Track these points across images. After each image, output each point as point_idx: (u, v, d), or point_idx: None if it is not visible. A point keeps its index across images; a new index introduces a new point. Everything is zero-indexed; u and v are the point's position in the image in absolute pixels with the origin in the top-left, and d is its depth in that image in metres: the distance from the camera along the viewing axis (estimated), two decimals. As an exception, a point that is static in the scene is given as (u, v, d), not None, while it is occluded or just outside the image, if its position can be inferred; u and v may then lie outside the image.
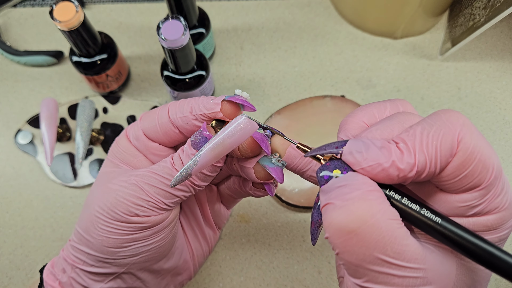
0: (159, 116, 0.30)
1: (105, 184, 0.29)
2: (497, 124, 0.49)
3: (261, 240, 0.44)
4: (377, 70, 0.52)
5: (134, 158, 0.31)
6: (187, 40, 0.38)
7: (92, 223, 0.28)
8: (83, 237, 0.29)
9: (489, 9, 0.43)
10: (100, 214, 0.28)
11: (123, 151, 0.31)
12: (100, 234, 0.28)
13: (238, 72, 0.52)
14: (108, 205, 0.28)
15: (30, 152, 0.48)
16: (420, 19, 0.50)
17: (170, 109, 0.29)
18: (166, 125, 0.29)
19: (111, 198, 0.28)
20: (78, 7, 0.40)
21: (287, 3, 0.56)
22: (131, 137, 0.31)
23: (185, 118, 0.29)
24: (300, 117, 0.48)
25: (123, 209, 0.28)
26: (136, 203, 0.28)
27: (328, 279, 0.42)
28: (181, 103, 0.29)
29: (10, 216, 0.46)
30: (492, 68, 0.51)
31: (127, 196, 0.28)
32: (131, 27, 0.55)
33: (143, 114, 0.31)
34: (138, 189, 0.28)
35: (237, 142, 0.26)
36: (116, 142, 0.31)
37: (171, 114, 0.29)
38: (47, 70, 0.53)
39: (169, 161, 0.28)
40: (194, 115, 0.29)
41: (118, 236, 0.28)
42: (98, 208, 0.28)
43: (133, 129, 0.31)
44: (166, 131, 0.30)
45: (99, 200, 0.28)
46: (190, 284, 0.43)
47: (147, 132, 0.30)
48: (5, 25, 0.55)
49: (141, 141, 0.30)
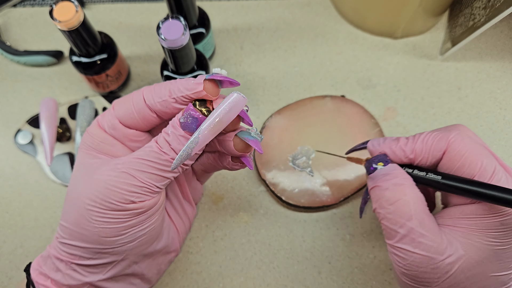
0: (135, 103, 0.30)
1: (90, 175, 0.29)
2: (497, 124, 0.49)
3: (261, 240, 0.44)
4: (377, 70, 0.52)
5: (113, 147, 0.31)
6: (187, 40, 0.38)
7: (83, 216, 0.28)
8: (75, 231, 0.29)
9: (489, 9, 0.43)
10: (92, 207, 0.28)
11: (99, 142, 0.31)
12: (96, 226, 0.28)
13: (238, 72, 0.52)
14: (101, 196, 0.28)
15: (29, 152, 0.48)
16: (420, 19, 0.50)
17: (145, 94, 0.30)
18: (144, 110, 0.30)
19: (102, 189, 0.28)
20: (78, 7, 0.40)
21: (287, 3, 0.56)
22: (106, 127, 0.31)
23: (164, 102, 0.29)
24: (300, 117, 0.48)
25: (117, 198, 0.28)
26: (130, 190, 0.28)
27: (328, 279, 0.42)
28: (156, 88, 0.30)
29: (10, 216, 0.46)
30: (492, 68, 0.51)
31: (120, 185, 0.28)
32: (131, 27, 0.55)
33: (115, 103, 0.31)
34: (130, 176, 0.28)
35: (232, 117, 0.28)
36: (89, 133, 0.31)
37: (147, 100, 0.29)
38: (46, 70, 0.53)
39: (155, 145, 0.29)
40: (174, 98, 0.29)
41: (115, 225, 0.29)
42: (88, 200, 0.28)
43: (106, 118, 0.31)
44: (144, 117, 0.30)
45: (87, 192, 0.28)
46: (190, 284, 0.43)
47: (123, 120, 0.30)
48: (5, 25, 0.55)
49: (118, 130, 0.30)
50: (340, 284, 0.42)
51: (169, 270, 0.43)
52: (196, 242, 0.44)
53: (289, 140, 0.47)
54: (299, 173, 0.45)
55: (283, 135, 0.47)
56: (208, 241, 0.44)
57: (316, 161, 0.46)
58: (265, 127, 0.47)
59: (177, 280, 0.43)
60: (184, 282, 0.43)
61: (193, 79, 0.29)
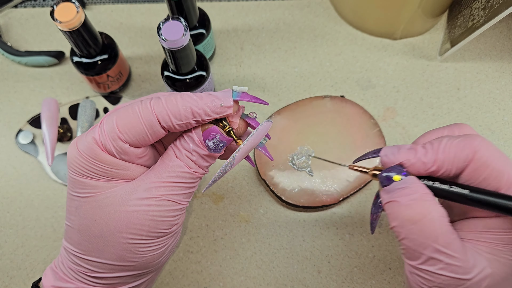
0: (148, 125, 0.27)
1: (120, 210, 0.27)
2: (496, 124, 0.49)
3: (261, 240, 0.44)
4: (377, 71, 0.52)
5: (127, 171, 0.28)
6: (187, 41, 0.39)
7: (128, 250, 0.28)
8: (119, 266, 0.29)
9: (488, 10, 0.43)
10: (137, 240, 0.28)
11: (110, 169, 0.28)
12: (143, 255, 0.29)
13: (238, 73, 0.52)
14: (147, 229, 0.28)
15: (31, 152, 0.48)
16: (419, 20, 0.50)
17: (159, 113, 0.27)
18: (158, 132, 0.27)
19: (146, 221, 0.27)
20: (79, 8, 0.40)
21: (287, 4, 0.56)
22: (115, 153, 0.27)
23: (185, 125, 0.27)
24: (300, 117, 0.48)
25: (164, 226, 0.28)
26: (174, 216, 0.29)
27: (328, 279, 0.43)
28: (170, 106, 0.27)
29: (11, 216, 0.46)
30: (491, 69, 0.52)
31: (166, 213, 0.28)
32: (132, 27, 0.55)
33: (119, 125, 0.27)
34: (171, 202, 0.28)
35: (260, 140, 0.29)
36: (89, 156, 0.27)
37: (162, 121, 0.27)
38: (48, 70, 0.53)
39: (183, 165, 0.28)
40: (197, 120, 0.27)
41: (161, 248, 0.30)
42: (132, 236, 0.28)
43: (113, 144, 0.27)
44: (157, 136, 0.28)
45: (127, 228, 0.27)
46: (191, 284, 0.43)
47: (133, 143, 0.28)
48: (6, 26, 0.56)
49: (129, 154, 0.28)
50: (339, 283, 0.43)
51: (170, 270, 0.43)
52: (197, 242, 0.44)
53: (289, 140, 0.47)
54: (299, 173, 0.45)
55: (283, 135, 0.47)
56: (209, 240, 0.45)
57: (315, 161, 0.46)
58: (265, 127, 0.48)
59: (177, 280, 0.43)
60: (185, 281, 0.43)
61: (216, 97, 0.27)
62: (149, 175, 0.28)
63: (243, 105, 0.30)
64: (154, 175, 0.28)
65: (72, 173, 0.28)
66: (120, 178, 0.28)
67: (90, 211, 0.28)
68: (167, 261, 0.44)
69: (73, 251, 0.29)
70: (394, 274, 0.43)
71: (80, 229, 0.28)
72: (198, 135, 0.28)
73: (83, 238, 0.28)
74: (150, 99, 0.28)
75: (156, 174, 0.28)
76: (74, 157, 0.27)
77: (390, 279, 0.43)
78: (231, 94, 0.28)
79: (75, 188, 0.28)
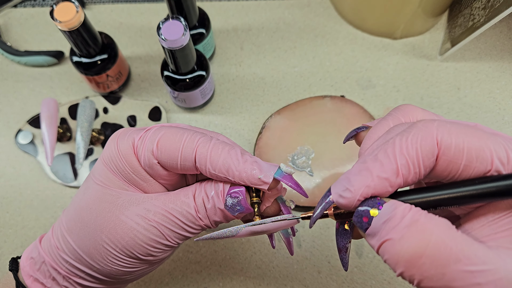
0: (183, 158, 0.27)
1: (115, 213, 0.28)
2: (497, 124, 0.49)
3: (261, 240, 0.44)
4: (377, 70, 0.52)
5: (145, 183, 0.29)
6: (187, 40, 0.39)
7: (99, 253, 0.28)
8: (85, 260, 0.28)
9: (488, 10, 0.43)
10: (112, 249, 0.28)
11: (131, 172, 0.28)
12: (109, 265, 0.28)
13: (238, 72, 0.52)
14: (123, 243, 0.27)
15: (30, 152, 0.48)
16: (419, 20, 0.50)
17: (198, 155, 0.27)
18: (189, 168, 0.27)
19: (126, 237, 0.27)
20: (78, 7, 0.40)
21: (287, 4, 0.56)
22: (142, 162, 0.28)
23: (216, 176, 0.27)
24: (299, 117, 0.48)
25: (140, 251, 0.28)
26: (155, 247, 0.28)
27: (327, 279, 0.43)
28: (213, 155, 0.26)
29: (11, 216, 0.46)
30: (491, 68, 0.51)
31: (146, 240, 0.27)
32: (132, 27, 0.55)
33: (161, 141, 0.27)
34: (159, 233, 0.27)
35: (276, 231, 0.27)
36: (121, 156, 0.28)
37: (199, 164, 0.27)
38: (47, 70, 0.53)
39: (193, 206, 0.27)
40: (229, 178, 0.27)
41: (128, 269, 0.29)
42: (108, 241, 0.27)
43: (146, 154, 0.27)
44: (186, 170, 0.28)
45: (109, 232, 0.27)
46: (190, 284, 0.43)
47: (162, 164, 0.28)
48: (6, 25, 0.55)
49: (154, 170, 0.28)
50: (339, 283, 0.42)
51: (169, 270, 0.43)
52: (196, 242, 0.44)
53: (289, 140, 0.47)
54: (299, 173, 0.45)
55: (283, 135, 0.47)
56: (208, 240, 0.44)
57: (315, 161, 0.46)
58: (265, 127, 0.47)
59: (177, 280, 0.43)
60: (184, 281, 0.43)
61: (258, 167, 0.26)
62: (159, 197, 0.28)
63: (286, 189, 0.29)
64: (162, 200, 0.28)
65: (101, 159, 0.29)
66: (136, 185, 0.29)
67: (92, 197, 0.28)
68: (167, 261, 0.44)
69: (62, 224, 0.30)
70: (394, 274, 0.43)
71: (76, 206, 0.29)
72: (224, 187, 0.27)
73: (74, 217, 0.29)
74: (202, 136, 0.27)
75: (164, 201, 0.28)
76: (110, 149, 0.28)
77: (390, 279, 0.42)
78: (274, 171, 0.27)
79: (95, 171, 0.29)
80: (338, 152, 0.46)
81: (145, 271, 0.30)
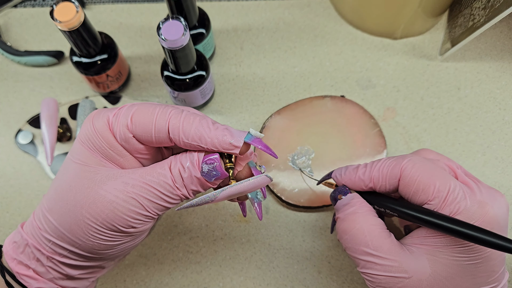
0: (157, 130, 0.28)
1: (93, 188, 0.28)
2: (497, 124, 0.49)
3: (261, 240, 0.44)
4: (377, 70, 0.52)
5: (121, 158, 0.30)
6: (187, 41, 0.39)
7: (81, 228, 0.28)
8: (67, 236, 0.29)
9: (488, 10, 0.43)
10: (93, 223, 0.28)
11: (107, 148, 0.29)
12: (91, 239, 0.29)
13: (238, 72, 0.52)
14: (104, 216, 0.28)
15: (30, 152, 0.48)
16: (419, 20, 0.50)
17: (171, 126, 0.28)
18: (163, 140, 0.28)
19: (106, 210, 0.28)
20: (78, 7, 0.40)
21: (287, 4, 0.56)
22: (118, 137, 0.29)
23: (189, 145, 0.28)
24: (300, 117, 0.48)
25: (121, 223, 0.28)
26: (135, 218, 0.28)
27: (328, 279, 0.43)
28: (185, 125, 0.28)
29: (11, 216, 0.46)
30: (491, 68, 0.51)
31: (126, 211, 0.28)
32: (132, 27, 0.55)
33: (134, 115, 0.28)
34: (138, 204, 0.28)
35: (251, 191, 0.28)
36: (97, 132, 0.29)
37: (172, 133, 0.28)
38: (47, 70, 0.53)
39: (169, 176, 0.28)
40: (203, 146, 0.28)
41: (110, 242, 0.29)
42: (89, 216, 0.28)
43: (121, 129, 0.28)
44: (161, 142, 0.29)
45: (90, 207, 0.28)
46: (190, 284, 0.43)
47: (138, 137, 0.29)
48: (6, 25, 0.55)
49: (130, 144, 0.29)
50: (339, 283, 0.42)
51: (169, 270, 0.43)
52: (196, 242, 0.44)
53: (288, 140, 0.47)
54: (299, 173, 0.45)
55: (283, 135, 0.47)
56: (208, 240, 0.44)
57: (315, 161, 0.46)
58: (265, 127, 0.47)
59: (177, 280, 0.43)
60: (184, 281, 0.43)
61: (229, 133, 0.28)
62: (136, 171, 0.29)
63: (257, 154, 0.31)
64: (139, 173, 0.29)
65: (78, 139, 0.30)
66: (113, 161, 0.29)
67: (71, 176, 0.29)
68: (167, 261, 0.44)
69: (44, 205, 0.30)
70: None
71: (56, 187, 0.30)
72: (199, 156, 0.28)
73: (54, 196, 0.29)
74: (174, 109, 0.28)
75: (141, 174, 0.29)
76: (86, 128, 0.29)
77: (390, 279, 0.42)
78: (244, 136, 0.28)
79: (73, 151, 0.30)
80: (338, 152, 0.46)
81: (127, 246, 0.31)
